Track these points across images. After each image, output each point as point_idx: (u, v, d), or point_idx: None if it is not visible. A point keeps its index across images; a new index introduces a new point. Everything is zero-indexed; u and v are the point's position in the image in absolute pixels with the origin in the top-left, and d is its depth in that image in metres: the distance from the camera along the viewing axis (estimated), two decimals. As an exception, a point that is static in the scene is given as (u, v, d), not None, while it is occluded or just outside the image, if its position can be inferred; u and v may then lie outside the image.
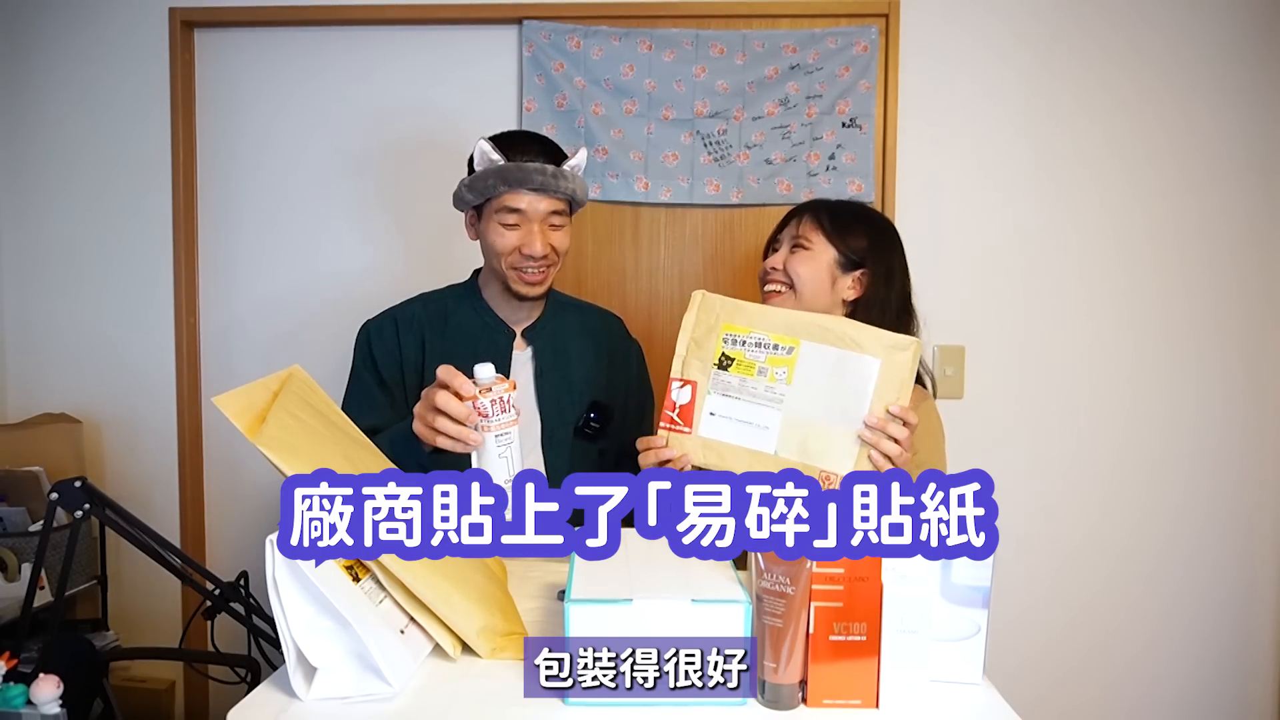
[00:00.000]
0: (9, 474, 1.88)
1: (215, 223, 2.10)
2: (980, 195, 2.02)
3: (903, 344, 1.05)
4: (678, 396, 1.13)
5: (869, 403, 1.04)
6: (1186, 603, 2.07)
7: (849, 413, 1.04)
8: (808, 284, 1.32)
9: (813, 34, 1.98)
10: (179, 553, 1.33)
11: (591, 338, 1.49)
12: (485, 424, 1.06)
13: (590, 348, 1.47)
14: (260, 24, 2.05)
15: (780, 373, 1.07)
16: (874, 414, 1.04)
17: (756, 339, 1.09)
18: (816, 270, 1.32)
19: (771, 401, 1.07)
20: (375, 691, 0.81)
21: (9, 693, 1.14)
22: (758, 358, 1.09)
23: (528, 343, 1.44)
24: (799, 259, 1.33)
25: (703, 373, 1.12)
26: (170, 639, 2.06)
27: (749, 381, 1.09)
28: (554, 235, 1.35)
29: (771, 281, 1.35)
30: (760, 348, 1.09)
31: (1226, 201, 2.02)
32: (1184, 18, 1.99)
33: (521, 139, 1.35)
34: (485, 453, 1.07)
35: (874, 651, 0.80)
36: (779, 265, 1.34)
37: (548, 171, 1.29)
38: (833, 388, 1.05)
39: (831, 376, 1.06)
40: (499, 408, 1.06)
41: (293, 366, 1.03)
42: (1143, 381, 2.05)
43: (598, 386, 1.44)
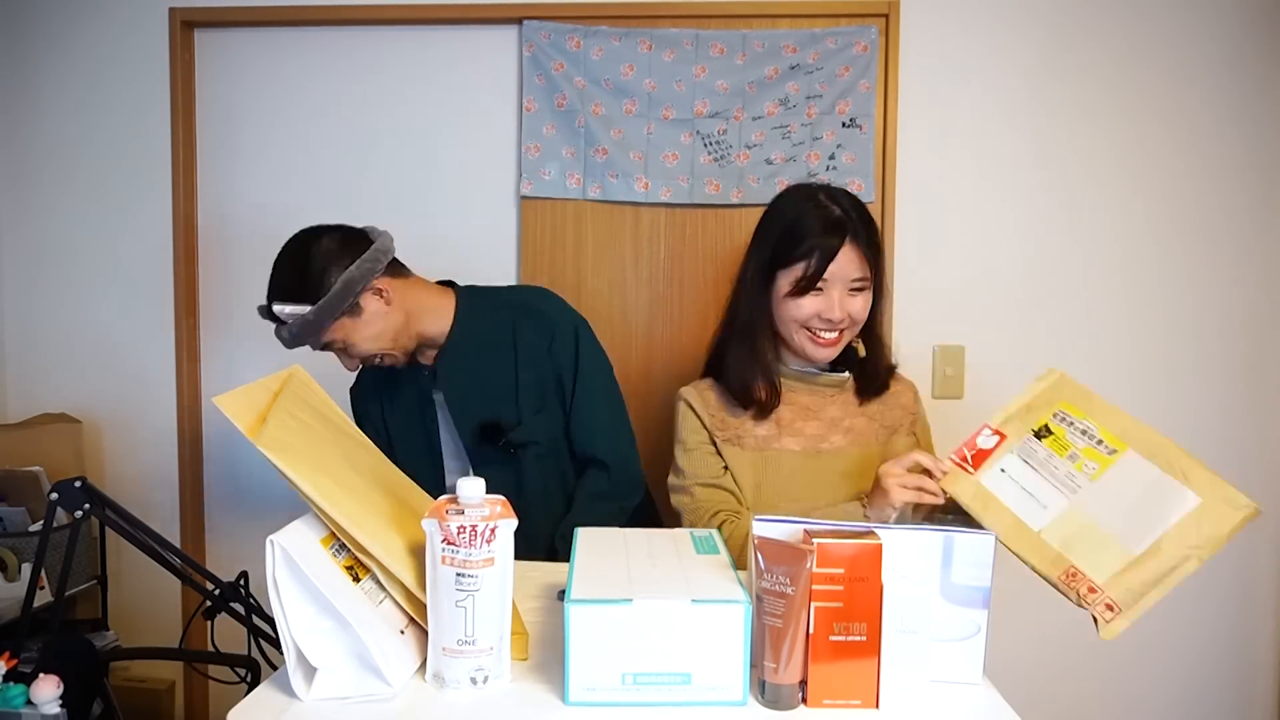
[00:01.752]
0: (9, 474, 1.88)
1: (215, 223, 2.10)
2: (980, 195, 2.02)
3: (1240, 504, 1.00)
4: (982, 441, 1.13)
5: (1164, 532, 0.99)
6: (1186, 602, 2.07)
7: (1136, 532, 1.00)
8: (859, 325, 1.30)
9: (813, 34, 1.98)
10: (179, 553, 1.33)
11: (505, 338, 1.47)
12: (448, 554, 0.80)
13: (502, 349, 1.47)
14: (260, 24, 2.05)
15: (1091, 466, 1.05)
16: (1166, 549, 0.98)
17: (1084, 427, 1.08)
18: (870, 302, 1.29)
19: (1066, 487, 1.05)
20: (375, 692, 0.81)
21: (9, 693, 1.14)
22: (1076, 442, 1.07)
23: (438, 378, 1.48)
24: (859, 303, 1.27)
25: (1018, 433, 1.11)
26: (170, 639, 2.06)
27: (1055, 459, 1.07)
28: (347, 344, 1.41)
29: (830, 335, 1.27)
30: (1085, 435, 1.07)
31: (1227, 201, 2.01)
32: (1184, 17, 1.99)
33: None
34: (435, 594, 0.81)
35: (874, 652, 0.80)
36: (842, 315, 1.25)
37: (276, 328, 1.38)
38: (1135, 504, 1.02)
39: (1141, 493, 1.02)
40: (469, 538, 0.79)
41: (293, 366, 1.03)
42: (1143, 381, 2.04)
43: (508, 393, 1.46)
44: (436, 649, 0.82)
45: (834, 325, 1.26)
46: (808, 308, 1.26)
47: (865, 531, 0.83)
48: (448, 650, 0.81)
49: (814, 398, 1.34)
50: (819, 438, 1.31)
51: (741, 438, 1.32)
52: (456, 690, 0.82)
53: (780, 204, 1.33)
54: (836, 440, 1.32)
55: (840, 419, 1.33)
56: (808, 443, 1.31)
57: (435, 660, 0.83)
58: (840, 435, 1.32)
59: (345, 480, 0.89)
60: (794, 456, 1.30)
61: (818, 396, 1.34)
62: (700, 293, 2.07)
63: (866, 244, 1.24)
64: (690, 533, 1.02)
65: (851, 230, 1.23)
